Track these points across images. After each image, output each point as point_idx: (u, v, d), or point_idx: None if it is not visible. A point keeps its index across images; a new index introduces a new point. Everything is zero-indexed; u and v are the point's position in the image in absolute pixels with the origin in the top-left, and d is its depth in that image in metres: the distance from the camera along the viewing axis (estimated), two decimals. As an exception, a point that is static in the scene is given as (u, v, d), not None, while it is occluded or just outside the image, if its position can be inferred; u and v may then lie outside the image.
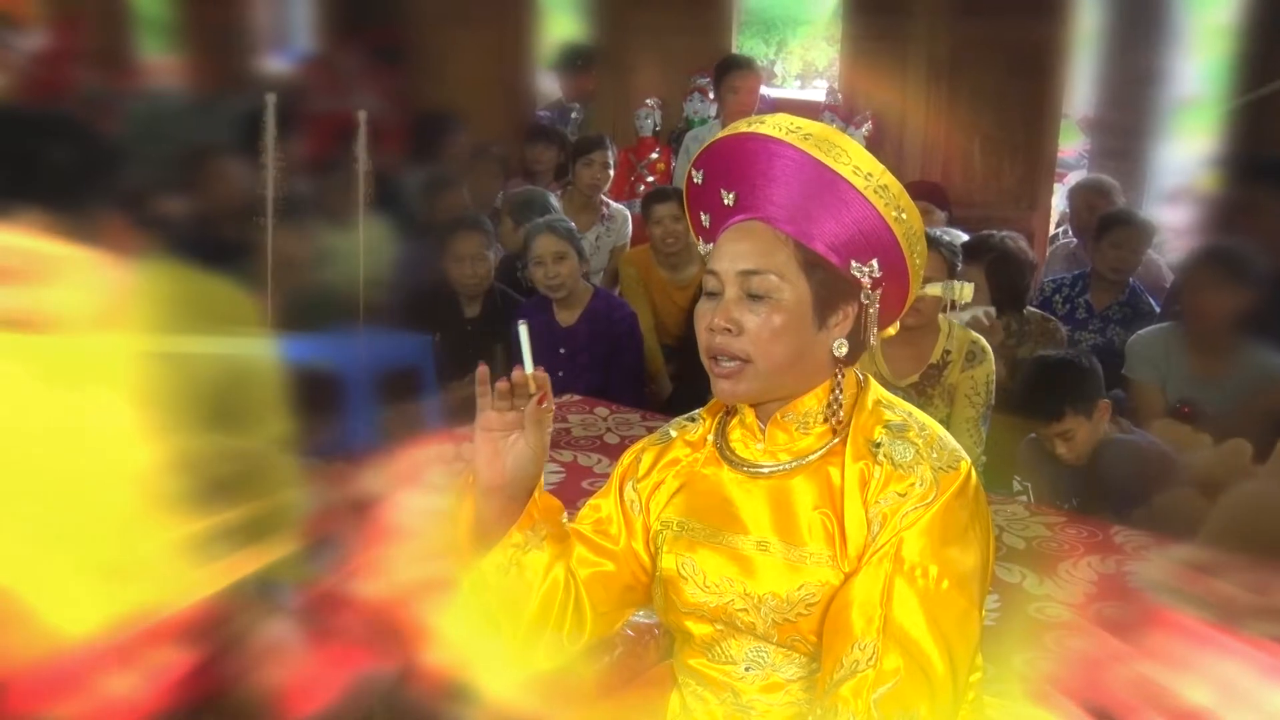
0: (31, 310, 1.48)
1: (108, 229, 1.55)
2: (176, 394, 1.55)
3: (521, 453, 1.35)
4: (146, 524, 1.54)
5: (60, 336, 1.51)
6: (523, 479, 1.37)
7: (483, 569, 1.38)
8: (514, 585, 1.39)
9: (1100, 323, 4.04)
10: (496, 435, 1.36)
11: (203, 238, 3.35)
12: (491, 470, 1.36)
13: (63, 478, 1.52)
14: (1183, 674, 1.58)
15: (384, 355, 3.75)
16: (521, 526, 1.39)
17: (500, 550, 1.38)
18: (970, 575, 1.28)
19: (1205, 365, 3.31)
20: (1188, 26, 5.89)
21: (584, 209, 4.74)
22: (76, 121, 1.60)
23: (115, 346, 1.55)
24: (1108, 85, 6.15)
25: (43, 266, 1.46)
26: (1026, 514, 2.56)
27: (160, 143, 3.94)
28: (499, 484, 1.36)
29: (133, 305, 1.57)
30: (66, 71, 5.26)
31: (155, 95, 5.62)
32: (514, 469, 1.36)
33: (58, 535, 1.51)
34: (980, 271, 3.39)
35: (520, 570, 1.38)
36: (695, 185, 1.43)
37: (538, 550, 1.39)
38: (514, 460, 1.36)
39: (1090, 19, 5.77)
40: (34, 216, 1.45)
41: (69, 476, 1.52)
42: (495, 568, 1.38)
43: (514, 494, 1.38)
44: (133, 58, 6.29)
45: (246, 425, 1.66)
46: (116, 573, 1.51)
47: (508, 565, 1.38)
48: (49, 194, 1.47)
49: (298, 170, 4.26)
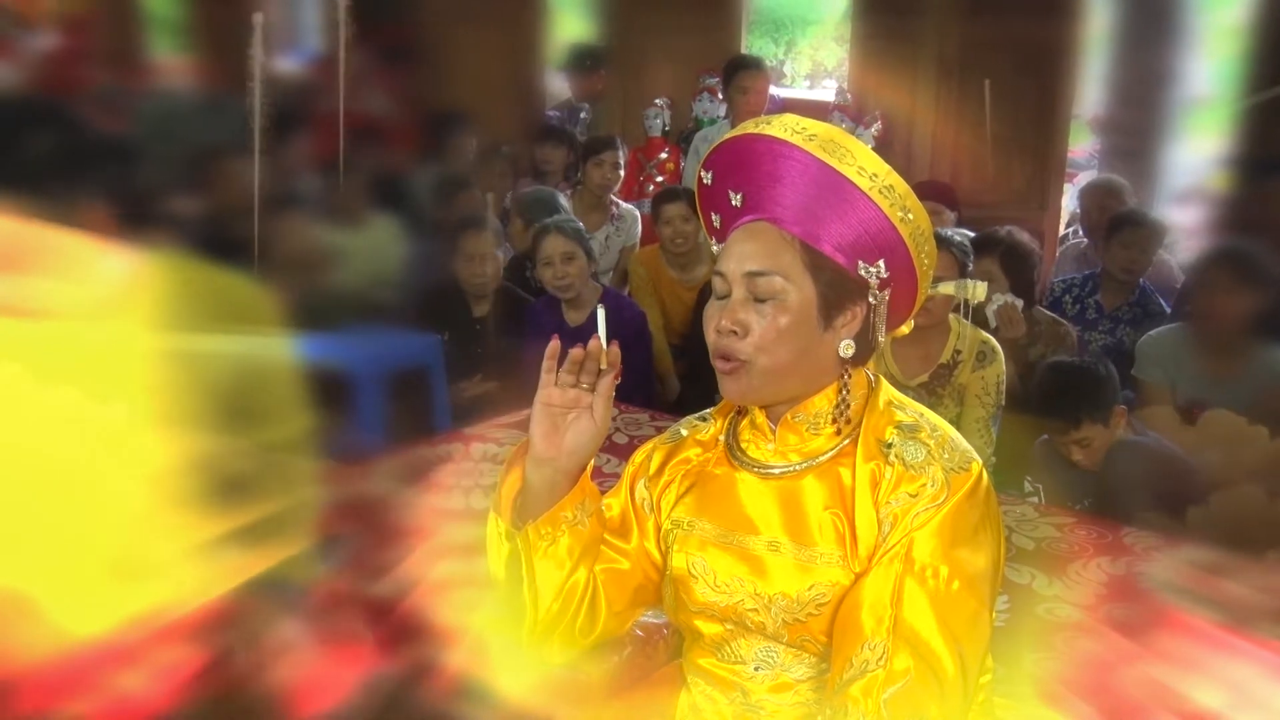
0: (31, 298, 1.48)
1: (89, 219, 1.54)
2: (193, 391, 1.55)
3: (584, 429, 1.36)
4: (159, 522, 1.54)
5: (71, 331, 1.52)
6: (579, 454, 1.37)
7: (528, 534, 1.38)
8: (554, 556, 1.39)
9: (1110, 323, 4.03)
10: (557, 411, 1.36)
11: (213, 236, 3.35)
12: (548, 443, 1.37)
13: (75, 476, 1.52)
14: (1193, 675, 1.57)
15: (393, 354, 3.76)
16: (573, 500, 1.39)
17: (548, 520, 1.38)
18: (981, 576, 1.28)
19: (1216, 366, 3.30)
20: (1199, 26, 5.87)
21: (594, 209, 4.75)
22: (60, 109, 1.59)
23: (127, 340, 1.55)
24: (1118, 85, 6.13)
25: (38, 254, 1.46)
26: (1036, 515, 2.56)
27: (170, 142, 3.95)
28: (554, 455, 1.37)
29: (143, 298, 1.57)
30: (78, 71, 5.28)
31: (165, 95, 5.63)
32: (572, 444, 1.37)
33: (69, 534, 1.51)
34: (995, 262, 3.40)
35: (558, 546, 1.38)
36: (705, 186, 1.43)
37: (582, 527, 1.39)
38: (574, 436, 1.36)
39: (1101, 18, 5.75)
40: (11, 202, 1.44)
41: (81, 474, 1.52)
42: (540, 536, 1.38)
43: (566, 467, 1.37)
44: (143, 57, 6.31)
45: (263, 423, 1.66)
46: (128, 571, 1.51)
47: (554, 536, 1.38)
48: (27, 180, 1.47)
49: (302, 169, 4.28)
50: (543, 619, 1.42)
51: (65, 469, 1.51)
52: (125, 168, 1.58)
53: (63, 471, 1.51)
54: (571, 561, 1.39)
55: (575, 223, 3.92)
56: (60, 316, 1.51)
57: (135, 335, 1.55)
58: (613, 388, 1.38)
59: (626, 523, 1.50)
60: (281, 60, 5.90)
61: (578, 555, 1.40)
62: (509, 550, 1.42)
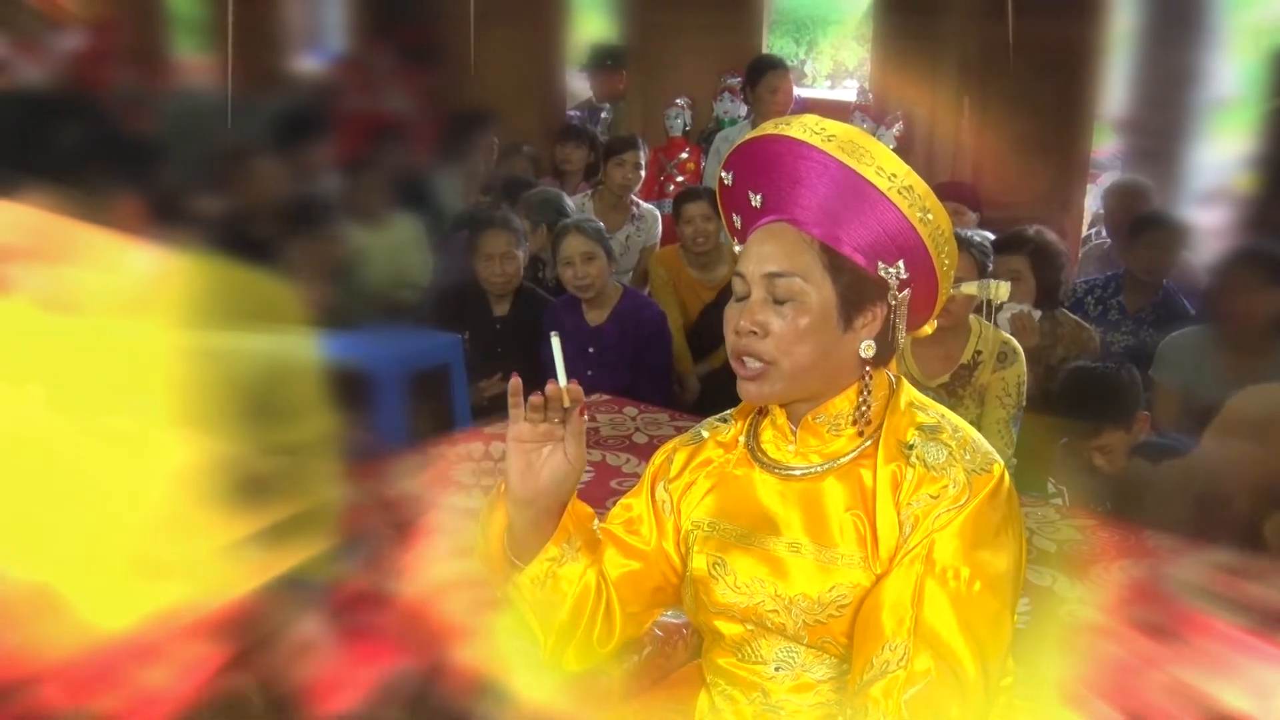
0: (61, 291, 1.49)
1: (121, 212, 1.55)
2: (219, 389, 1.56)
3: (558, 466, 1.36)
4: (185, 520, 1.55)
5: (99, 326, 1.53)
6: (557, 492, 1.38)
7: (519, 582, 1.40)
8: (549, 596, 1.41)
9: (1134, 324, 4.01)
10: (529, 447, 1.36)
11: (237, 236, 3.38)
12: (524, 483, 1.37)
13: (101, 472, 1.53)
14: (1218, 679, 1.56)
15: (413, 354, 3.77)
16: (558, 540, 1.40)
17: (537, 564, 1.40)
18: (1002, 578, 1.28)
19: (1239, 367, 3.28)
20: (1224, 25, 5.82)
21: (614, 209, 4.75)
22: (89, 102, 1.59)
23: (154, 337, 1.56)
24: (1142, 85, 6.09)
25: (68, 246, 1.46)
26: (1058, 517, 2.54)
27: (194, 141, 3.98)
28: (531, 496, 1.37)
29: (170, 294, 1.58)
30: (103, 70, 5.32)
31: (190, 94, 5.67)
32: (549, 481, 1.37)
33: (96, 530, 1.52)
34: (1025, 260, 3.38)
35: (555, 581, 1.40)
36: (726, 187, 1.43)
37: (573, 562, 1.41)
38: (549, 473, 1.37)
39: (1125, 18, 5.71)
40: (42, 195, 1.45)
41: (107, 471, 1.53)
42: (532, 581, 1.40)
43: (547, 506, 1.39)
44: (168, 57, 6.35)
45: (287, 422, 1.67)
46: (154, 569, 1.52)
47: (544, 578, 1.40)
48: (58, 172, 1.47)
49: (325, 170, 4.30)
50: (554, 635, 1.43)
51: (91, 465, 1.53)
52: (153, 165, 1.59)
53: (89, 467, 1.52)
54: (571, 587, 1.41)
55: (595, 223, 3.93)
56: (89, 311, 1.52)
57: (162, 332, 1.56)
58: (582, 424, 1.36)
59: (647, 524, 1.50)
60: (305, 60, 5.94)
61: (575, 579, 1.41)
62: (509, 593, 1.43)
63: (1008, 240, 3.47)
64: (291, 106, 4.52)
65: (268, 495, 1.61)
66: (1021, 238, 3.55)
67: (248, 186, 3.89)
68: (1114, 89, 5.88)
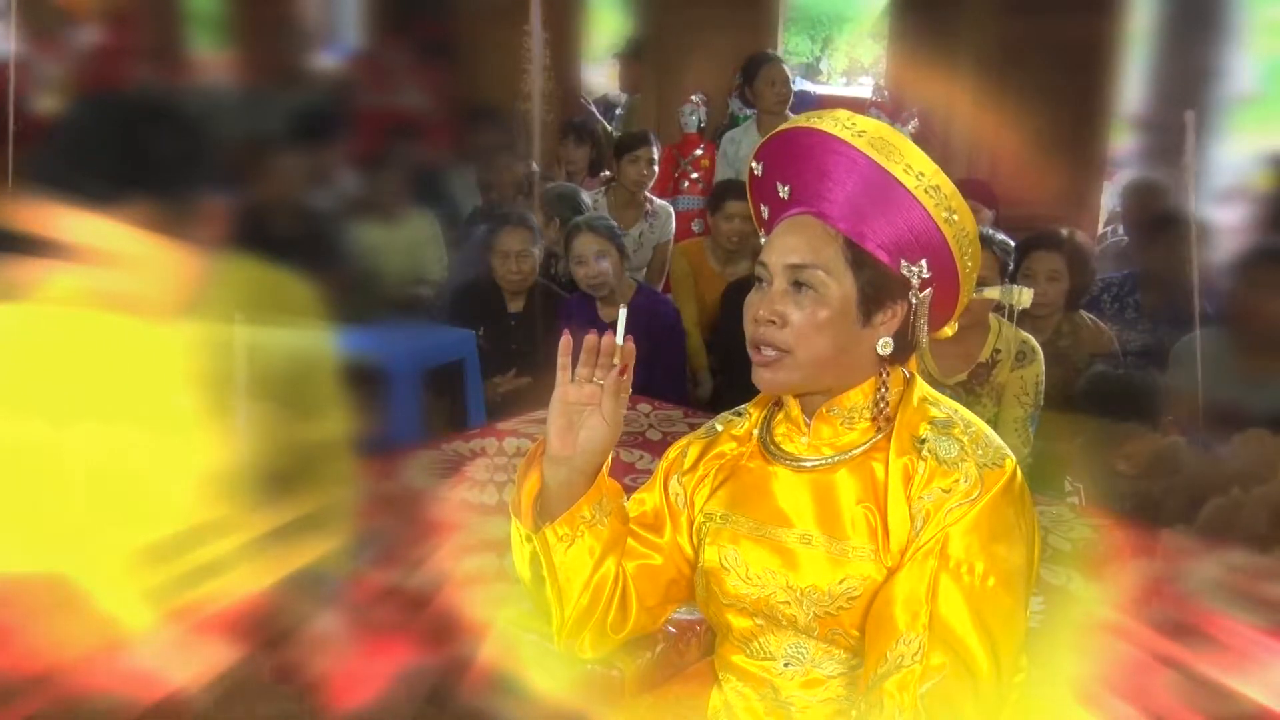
0: (113, 293, 1.50)
1: (209, 217, 1.57)
2: (241, 385, 1.57)
3: (596, 426, 1.38)
4: (206, 514, 1.56)
5: (130, 324, 1.54)
6: (592, 452, 1.39)
7: (545, 536, 1.40)
8: (571, 561, 1.40)
9: (1151, 323, 3.99)
10: (572, 407, 1.39)
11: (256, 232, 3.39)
12: (563, 441, 1.39)
13: (122, 466, 1.54)
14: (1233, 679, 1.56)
15: (428, 350, 3.78)
16: (590, 500, 1.40)
17: (565, 522, 1.40)
18: (1016, 573, 1.28)
19: (1256, 366, 3.25)
20: (1243, 22, 5.79)
21: (628, 205, 4.75)
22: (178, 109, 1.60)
23: (183, 335, 1.57)
24: (1160, 82, 6.06)
25: (122, 252, 1.47)
26: (1072, 516, 2.54)
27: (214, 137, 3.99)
28: (569, 454, 1.39)
29: (204, 295, 1.59)
30: (122, 66, 5.34)
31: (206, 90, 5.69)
32: (586, 442, 1.38)
33: (115, 523, 1.53)
34: (1063, 260, 3.38)
35: (579, 546, 1.40)
36: (755, 177, 1.45)
37: (601, 526, 1.41)
38: (587, 434, 1.38)
39: (1143, 15, 5.69)
40: (141, 207, 1.47)
41: (128, 465, 1.54)
42: (559, 538, 1.40)
43: (581, 466, 1.39)
44: (185, 53, 6.37)
45: (309, 418, 1.67)
46: (172, 562, 1.53)
47: (573, 537, 1.40)
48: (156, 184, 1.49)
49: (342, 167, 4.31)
50: (571, 615, 1.43)
51: (114, 459, 1.54)
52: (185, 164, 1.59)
53: (112, 462, 1.54)
54: (594, 559, 1.41)
55: (607, 220, 3.93)
56: (126, 309, 1.53)
57: (188, 329, 1.57)
58: (622, 385, 1.39)
59: (660, 518, 1.51)
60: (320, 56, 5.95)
61: (599, 553, 1.41)
62: (530, 551, 1.43)
63: (1046, 239, 3.46)
64: (307, 103, 4.53)
65: (287, 490, 1.62)
66: (1057, 238, 3.55)
67: (265, 183, 3.90)
68: (1132, 86, 5.85)
